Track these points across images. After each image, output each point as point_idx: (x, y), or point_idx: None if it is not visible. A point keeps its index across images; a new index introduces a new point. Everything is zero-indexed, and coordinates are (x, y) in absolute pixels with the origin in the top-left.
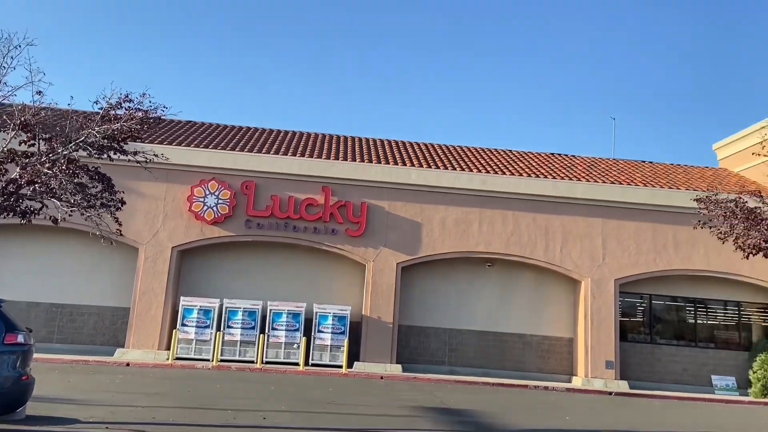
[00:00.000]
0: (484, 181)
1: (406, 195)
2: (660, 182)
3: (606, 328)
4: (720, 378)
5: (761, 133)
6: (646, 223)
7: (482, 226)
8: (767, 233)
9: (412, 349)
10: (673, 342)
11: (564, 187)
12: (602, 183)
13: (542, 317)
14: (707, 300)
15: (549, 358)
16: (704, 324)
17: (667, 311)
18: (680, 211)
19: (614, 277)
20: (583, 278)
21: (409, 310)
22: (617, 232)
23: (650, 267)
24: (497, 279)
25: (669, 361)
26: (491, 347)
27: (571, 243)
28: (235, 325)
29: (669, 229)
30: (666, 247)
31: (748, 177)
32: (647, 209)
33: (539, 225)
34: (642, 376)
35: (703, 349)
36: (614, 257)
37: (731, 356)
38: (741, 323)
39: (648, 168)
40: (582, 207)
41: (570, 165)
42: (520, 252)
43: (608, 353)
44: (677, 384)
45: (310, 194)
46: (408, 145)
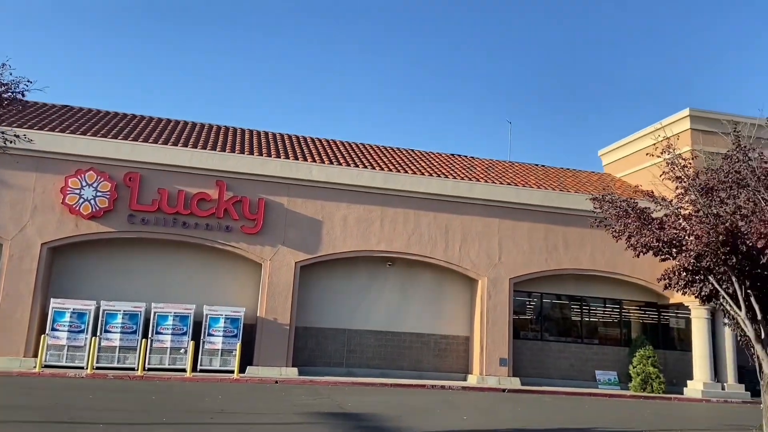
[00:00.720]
0: (386, 179)
1: (306, 191)
2: (552, 185)
3: (500, 327)
4: (603, 373)
5: (654, 135)
6: (539, 224)
7: (384, 224)
8: (658, 232)
9: (310, 351)
10: (561, 339)
11: (464, 187)
12: (500, 184)
13: (440, 316)
14: (592, 298)
15: (446, 357)
16: (589, 321)
17: (556, 309)
18: (570, 213)
19: (509, 276)
20: (480, 277)
21: (307, 311)
22: (512, 233)
23: (542, 266)
24: (397, 278)
25: (557, 357)
26: (390, 347)
27: (470, 242)
28: (114, 329)
29: (560, 230)
30: (557, 247)
31: (629, 182)
32: (540, 210)
33: (439, 224)
34: (533, 373)
35: (588, 345)
36: (509, 257)
37: (613, 352)
38: (622, 320)
39: (541, 171)
40: (480, 207)
41: (469, 166)
42: (421, 251)
43: (502, 351)
44: (564, 379)
45: (202, 188)
46: (309, 141)
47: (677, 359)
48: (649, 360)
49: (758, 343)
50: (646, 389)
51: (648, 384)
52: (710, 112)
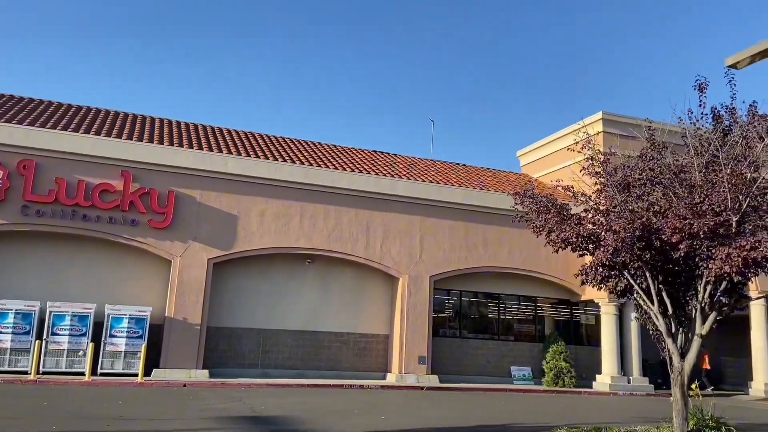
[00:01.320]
0: (306, 174)
1: (221, 185)
2: (473, 183)
3: (420, 324)
4: (518, 369)
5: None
6: (459, 222)
7: (303, 220)
8: (577, 228)
9: (222, 352)
10: (479, 336)
11: (386, 183)
12: (422, 182)
13: (360, 315)
14: (509, 296)
15: (365, 356)
16: (506, 318)
17: (475, 306)
18: (490, 212)
19: (430, 274)
20: (401, 275)
21: (220, 311)
22: (434, 230)
23: (462, 264)
24: (317, 276)
25: (475, 354)
26: (308, 347)
27: (391, 240)
28: (4, 329)
29: (480, 229)
30: (476, 245)
31: (545, 182)
32: (461, 209)
33: (361, 221)
34: (451, 370)
35: (504, 342)
36: (430, 254)
37: (528, 348)
38: (537, 317)
39: (462, 170)
40: (402, 204)
41: (392, 163)
42: (342, 248)
43: (421, 349)
44: (481, 375)
45: (105, 179)
46: (225, 132)
47: (587, 354)
48: (561, 355)
49: (669, 337)
50: (559, 384)
51: (560, 379)
52: (622, 116)
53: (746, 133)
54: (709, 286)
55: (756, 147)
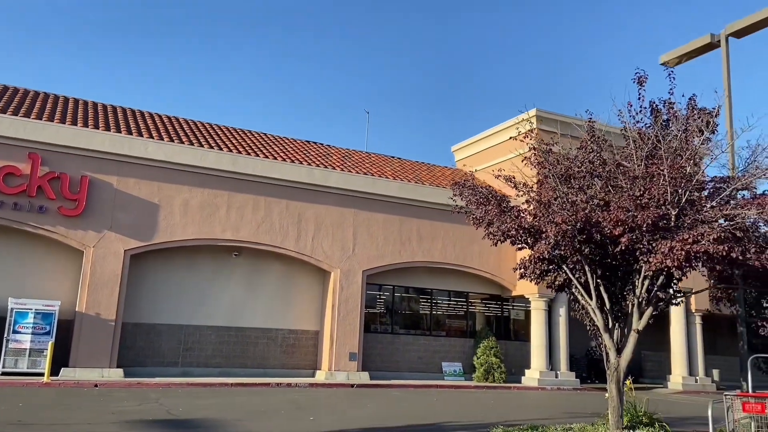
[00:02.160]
0: (234, 162)
1: (141, 171)
2: (408, 177)
3: (352, 320)
4: (449, 364)
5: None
6: (394, 216)
7: (231, 211)
8: (517, 220)
9: (140, 350)
10: (411, 331)
11: (319, 174)
12: (356, 174)
13: (290, 310)
14: (441, 291)
15: (294, 353)
16: (438, 314)
17: (407, 302)
18: (425, 206)
19: (363, 268)
20: (333, 269)
21: (138, 306)
22: (368, 224)
23: (395, 258)
24: (244, 269)
25: (406, 350)
26: (233, 344)
27: (324, 233)
28: None
29: (414, 222)
30: (410, 239)
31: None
32: (396, 202)
33: (292, 213)
34: (382, 366)
35: (436, 338)
36: (364, 248)
37: (459, 343)
38: (468, 312)
39: (397, 163)
40: (336, 196)
41: (325, 154)
42: (271, 241)
43: (352, 345)
44: (413, 372)
45: (10, 161)
46: (147, 116)
47: (517, 349)
48: (492, 351)
49: (606, 332)
50: (489, 379)
51: (490, 374)
52: (557, 114)
53: (686, 126)
54: (647, 281)
55: (694, 141)
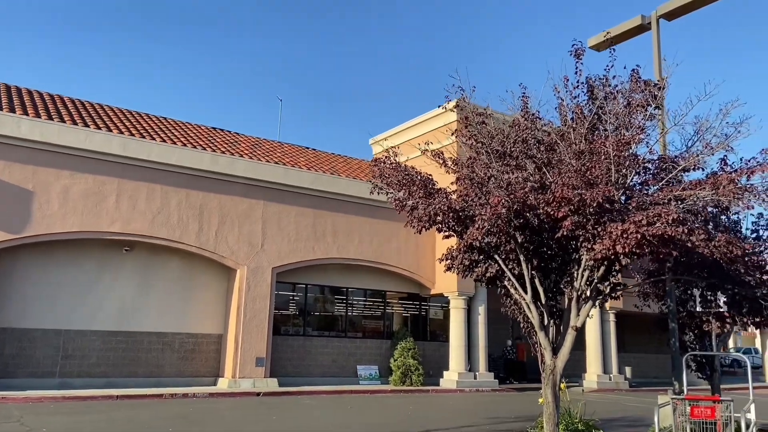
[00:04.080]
0: (125, 145)
1: (11, 152)
2: (323, 168)
3: (259, 322)
4: (365, 368)
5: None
6: (307, 209)
7: (121, 200)
8: (446, 201)
9: (8, 359)
10: (324, 333)
11: (224, 162)
12: (266, 162)
13: (189, 312)
14: (358, 290)
15: (193, 360)
16: (354, 313)
17: (321, 301)
18: (341, 199)
19: (272, 265)
20: (239, 266)
21: (6, 308)
22: (278, 217)
23: (309, 255)
24: (136, 266)
25: (319, 353)
26: (122, 351)
27: (229, 226)
28: None
29: (329, 216)
30: (325, 234)
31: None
32: (310, 194)
33: (193, 204)
34: (293, 372)
35: (351, 339)
36: (274, 243)
37: (376, 345)
38: (386, 312)
39: (312, 154)
40: (243, 186)
41: (233, 141)
42: (168, 234)
43: (260, 349)
44: (326, 376)
45: None
46: (24, 92)
47: (435, 350)
48: (409, 352)
49: (541, 330)
50: (406, 382)
51: (408, 377)
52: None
53: (629, 100)
54: (587, 272)
55: (638, 116)
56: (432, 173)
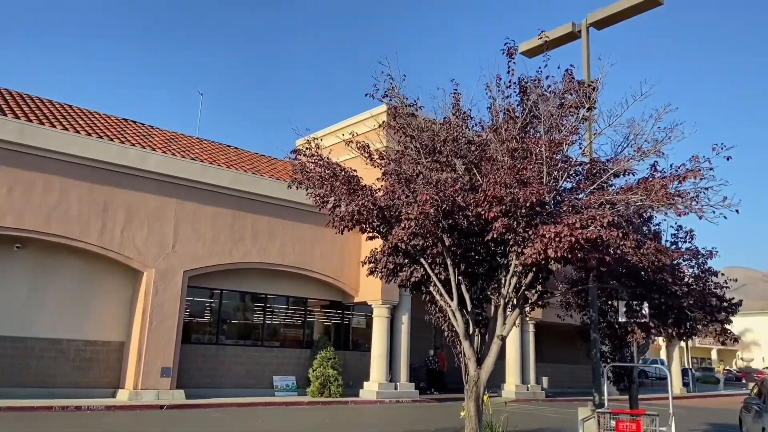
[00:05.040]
0: (21, 132)
1: None
2: (244, 167)
3: (167, 329)
4: (281, 378)
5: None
6: (226, 210)
7: (13, 192)
8: (370, 198)
9: None
10: (239, 342)
11: (134, 155)
12: (182, 158)
13: (88, 317)
14: (278, 296)
15: (91, 369)
16: (272, 321)
17: (238, 308)
18: (262, 200)
19: (184, 269)
20: (146, 269)
21: None
22: (193, 217)
23: (225, 258)
24: (29, 266)
25: (233, 363)
26: (9, 358)
27: (137, 225)
28: None
29: (249, 218)
30: (244, 237)
31: None
32: (229, 194)
33: (96, 199)
34: (203, 383)
35: (268, 349)
36: (187, 245)
37: (295, 355)
38: (306, 321)
39: (233, 153)
40: (155, 183)
41: (146, 135)
42: (66, 231)
43: (166, 358)
44: (240, 388)
45: None
46: None
47: (357, 360)
48: (329, 362)
49: (466, 339)
50: (325, 393)
51: (326, 388)
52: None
53: (562, 101)
54: (515, 278)
55: (571, 118)
56: (364, 176)
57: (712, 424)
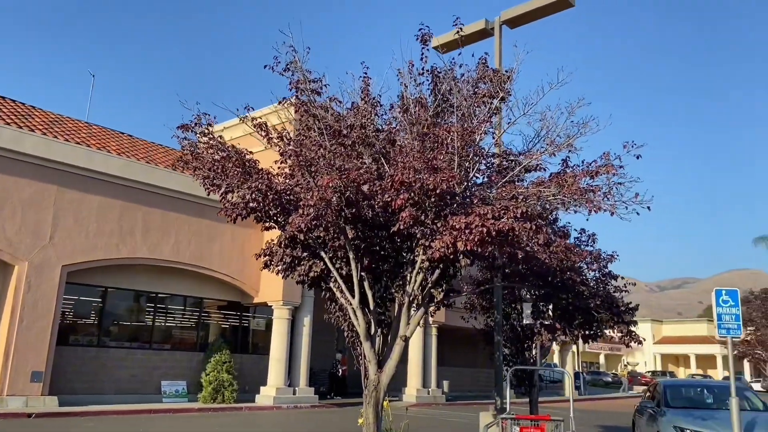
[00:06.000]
0: None
1: None
2: (138, 156)
3: (40, 329)
4: (170, 383)
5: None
6: (114, 200)
7: None
8: (266, 182)
9: None
10: (125, 344)
11: (8, 135)
12: (66, 141)
13: None
14: (171, 296)
15: None
16: (164, 322)
17: (126, 308)
18: (156, 192)
19: (63, 263)
20: (18, 261)
21: None
22: (76, 206)
23: (112, 253)
24: None
25: (117, 367)
26: None
27: (8, 213)
28: None
29: (141, 210)
30: (134, 231)
31: None
32: (118, 183)
33: None
34: (81, 388)
35: (157, 351)
36: (68, 237)
37: (187, 358)
38: (201, 322)
39: (127, 140)
40: (32, 167)
41: (26, 115)
42: None
43: (38, 362)
44: (124, 394)
45: None
46: None
47: (254, 364)
48: (224, 366)
49: (367, 341)
50: (218, 399)
51: (220, 393)
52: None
53: (475, 90)
54: (421, 275)
55: (484, 107)
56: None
57: (605, 426)
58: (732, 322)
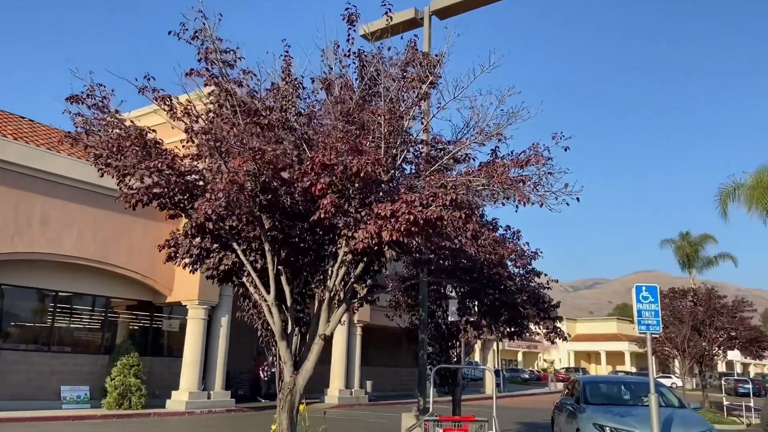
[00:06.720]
0: None
1: None
2: (38, 142)
3: None
4: (71, 389)
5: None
6: (10, 189)
7: None
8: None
9: None
10: (20, 347)
11: None
12: None
13: None
14: (74, 295)
15: None
16: (65, 323)
17: (23, 307)
18: (59, 181)
19: None
20: None
21: None
22: None
23: (6, 247)
24: None
25: (10, 371)
26: None
27: None
28: None
29: (39, 201)
30: (32, 223)
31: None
32: (15, 171)
33: None
34: None
35: (57, 354)
36: None
37: (90, 361)
38: (108, 323)
39: (27, 125)
40: None
41: None
42: None
43: None
44: (17, 400)
45: None
46: None
47: (166, 367)
48: (131, 370)
49: (283, 340)
50: (124, 405)
51: (126, 399)
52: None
53: (404, 74)
54: (343, 268)
55: (413, 93)
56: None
57: (525, 423)
58: (651, 318)
